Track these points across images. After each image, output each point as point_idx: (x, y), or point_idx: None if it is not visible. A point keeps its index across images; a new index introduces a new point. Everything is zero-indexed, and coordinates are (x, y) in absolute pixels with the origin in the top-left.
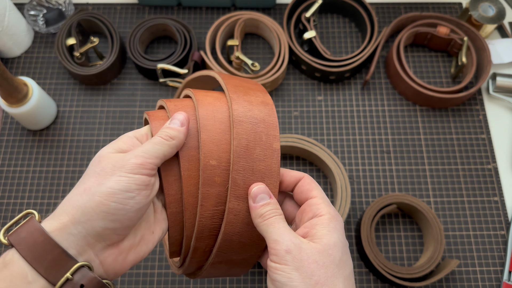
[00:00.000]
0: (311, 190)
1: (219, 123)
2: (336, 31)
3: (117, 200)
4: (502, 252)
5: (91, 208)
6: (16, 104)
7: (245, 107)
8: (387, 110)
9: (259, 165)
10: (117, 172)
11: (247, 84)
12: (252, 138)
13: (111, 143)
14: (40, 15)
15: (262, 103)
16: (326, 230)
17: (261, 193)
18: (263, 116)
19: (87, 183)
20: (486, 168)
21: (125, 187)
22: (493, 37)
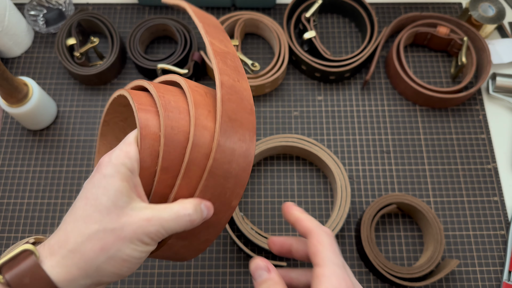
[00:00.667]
0: (316, 253)
1: (203, 170)
2: (336, 31)
3: (129, 265)
4: (502, 252)
5: (105, 269)
6: (16, 104)
7: (226, 157)
8: (387, 110)
9: (211, 217)
10: (135, 241)
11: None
12: (218, 192)
13: (113, 176)
14: (40, 15)
15: (244, 153)
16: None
17: (259, 270)
18: (238, 171)
19: (105, 240)
20: (486, 168)
21: (139, 256)
22: (493, 37)
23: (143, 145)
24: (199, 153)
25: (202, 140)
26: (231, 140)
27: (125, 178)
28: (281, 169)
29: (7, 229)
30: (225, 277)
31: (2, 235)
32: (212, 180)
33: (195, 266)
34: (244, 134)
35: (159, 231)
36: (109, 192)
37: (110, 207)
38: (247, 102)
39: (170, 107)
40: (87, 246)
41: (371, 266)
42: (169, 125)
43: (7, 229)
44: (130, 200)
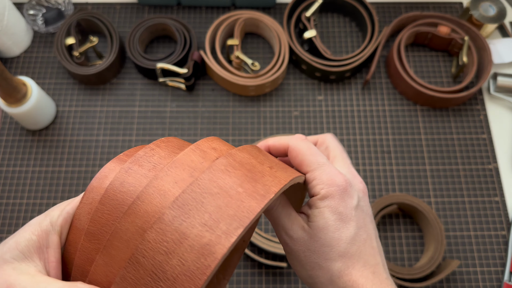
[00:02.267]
0: (301, 164)
1: (133, 249)
2: (337, 31)
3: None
4: (503, 253)
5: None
6: (16, 104)
7: (164, 243)
8: (387, 110)
9: None
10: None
11: (240, 188)
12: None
13: (30, 227)
14: (39, 14)
15: (201, 248)
16: (317, 211)
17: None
18: (178, 274)
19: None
20: (487, 168)
21: None
22: (494, 36)
23: (84, 199)
24: (134, 224)
25: (145, 208)
26: (186, 219)
27: (37, 232)
28: None
29: (6, 229)
30: None
31: (2, 235)
32: (133, 273)
33: None
34: (218, 219)
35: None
36: (12, 238)
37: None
38: (262, 185)
39: (144, 160)
40: None
41: None
42: (120, 178)
43: (7, 229)
44: (20, 259)
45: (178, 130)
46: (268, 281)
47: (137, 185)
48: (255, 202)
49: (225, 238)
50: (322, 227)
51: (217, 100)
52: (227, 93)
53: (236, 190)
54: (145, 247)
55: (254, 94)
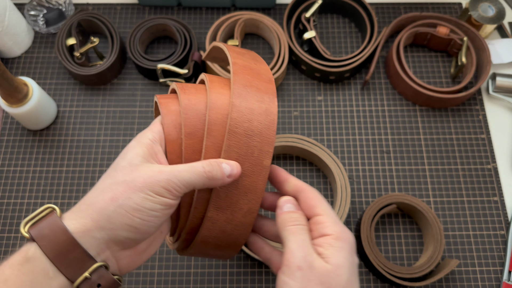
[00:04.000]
0: (315, 206)
1: (223, 127)
2: (336, 31)
3: (141, 216)
4: (502, 252)
5: (116, 219)
6: (16, 104)
7: (244, 116)
8: (387, 110)
9: (244, 180)
10: (146, 190)
11: (257, 80)
12: (244, 152)
13: (134, 145)
14: (40, 15)
15: (265, 112)
16: (334, 250)
17: (288, 203)
18: (261, 129)
19: (115, 191)
20: (486, 168)
21: (151, 206)
22: (492, 37)
23: (165, 120)
24: (218, 113)
25: (218, 103)
26: (247, 101)
27: (144, 145)
28: None
29: (7, 229)
30: (225, 277)
31: (2, 235)
32: (234, 139)
33: (195, 266)
34: (262, 96)
35: (171, 180)
36: (127, 155)
37: (125, 165)
38: (264, 76)
39: (187, 88)
40: (99, 198)
41: (371, 266)
42: (186, 98)
43: (7, 229)
44: (145, 161)
45: None
46: (268, 280)
47: (200, 99)
48: (270, 84)
49: (272, 103)
50: (342, 265)
51: None
52: None
53: (257, 82)
54: (234, 122)
55: None
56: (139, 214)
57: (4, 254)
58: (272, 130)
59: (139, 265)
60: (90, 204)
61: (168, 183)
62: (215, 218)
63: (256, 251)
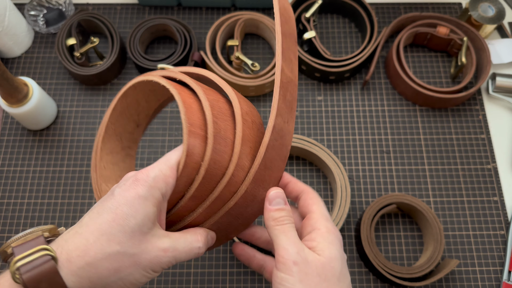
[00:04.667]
0: (312, 204)
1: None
2: (336, 31)
3: (133, 287)
4: (502, 252)
5: (112, 287)
6: (16, 104)
7: (245, 203)
8: (387, 110)
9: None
10: (147, 269)
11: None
12: (224, 228)
13: (148, 199)
14: (40, 15)
15: (261, 201)
16: (327, 243)
17: (278, 198)
18: (249, 215)
19: (121, 263)
20: (485, 168)
21: (145, 281)
22: (492, 37)
23: (183, 172)
24: (229, 191)
25: (236, 180)
26: (257, 189)
27: (156, 204)
28: None
29: (7, 229)
30: (225, 277)
31: (2, 235)
32: (225, 218)
33: (195, 266)
34: (269, 184)
35: (171, 262)
36: (138, 216)
37: (135, 231)
38: (285, 149)
39: (219, 137)
40: (104, 265)
41: (371, 266)
42: (213, 158)
43: (7, 229)
44: (153, 227)
45: (179, 130)
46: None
47: (224, 161)
48: (283, 164)
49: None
50: (335, 257)
51: None
52: None
53: (277, 163)
54: (235, 207)
55: (254, 94)
56: (133, 286)
57: None
58: (256, 216)
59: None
60: (92, 265)
61: (168, 264)
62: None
63: (248, 261)
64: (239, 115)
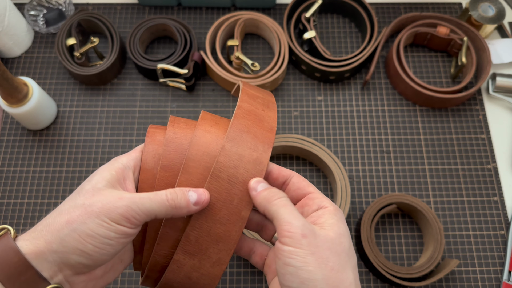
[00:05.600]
0: (308, 186)
1: (203, 168)
2: (336, 31)
3: (94, 243)
4: (502, 252)
5: (69, 243)
6: (16, 104)
7: (231, 161)
8: (387, 110)
9: (218, 227)
10: (102, 216)
11: (257, 127)
12: (223, 198)
13: (104, 169)
14: (40, 15)
15: (254, 161)
16: (335, 220)
17: (261, 183)
18: (246, 177)
19: (72, 214)
20: (486, 168)
21: (105, 233)
22: (493, 37)
23: (146, 148)
24: (199, 151)
25: (202, 140)
26: (238, 146)
27: (114, 169)
28: None
29: None
30: (225, 277)
31: None
32: (215, 183)
33: None
34: (256, 144)
35: (131, 207)
36: (93, 178)
37: (88, 189)
38: (267, 124)
39: (178, 121)
40: (56, 219)
41: (371, 266)
42: (172, 130)
43: None
44: (110, 186)
45: None
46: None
47: (186, 133)
48: (270, 133)
49: (265, 153)
50: (343, 233)
51: (217, 100)
52: (227, 93)
53: (256, 129)
54: (219, 166)
55: None
56: (91, 240)
57: None
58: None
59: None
60: (47, 225)
61: (127, 210)
62: (182, 262)
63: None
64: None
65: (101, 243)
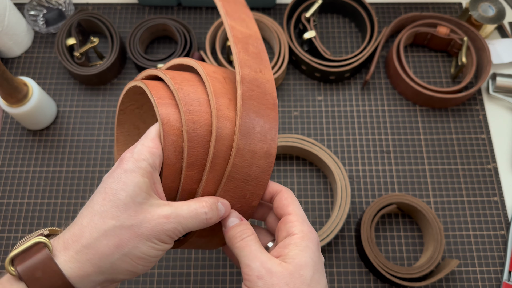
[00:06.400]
0: (287, 206)
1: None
2: (336, 31)
3: (144, 263)
4: (502, 252)
5: (120, 266)
6: (16, 104)
7: (245, 161)
8: (387, 110)
9: None
10: (152, 239)
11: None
12: (237, 195)
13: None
14: (40, 15)
15: (265, 154)
16: (298, 250)
17: (231, 218)
18: (258, 173)
19: (121, 237)
20: (486, 168)
21: (156, 254)
22: (493, 37)
23: (166, 142)
24: (223, 145)
25: (225, 132)
26: (251, 142)
27: (145, 174)
28: (281, 169)
29: (7, 229)
30: (225, 277)
31: (2, 235)
32: (231, 184)
33: (195, 266)
34: (265, 134)
35: (177, 229)
36: (128, 188)
37: (128, 203)
38: (269, 96)
39: (190, 99)
40: (103, 242)
41: (371, 266)
42: (191, 120)
43: (7, 229)
44: (148, 197)
45: None
46: None
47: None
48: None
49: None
50: (305, 264)
51: None
52: None
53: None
54: (235, 168)
55: None
56: (142, 261)
57: (4, 254)
58: (268, 173)
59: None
60: (90, 246)
61: (174, 232)
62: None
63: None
64: (204, 74)
65: (150, 262)
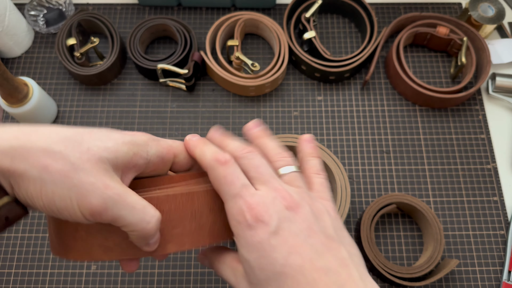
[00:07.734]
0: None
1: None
2: (336, 31)
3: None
4: (502, 252)
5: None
6: (17, 104)
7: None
8: (386, 110)
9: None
10: (74, 188)
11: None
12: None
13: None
14: (40, 15)
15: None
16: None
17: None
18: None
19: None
20: (485, 168)
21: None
22: (492, 37)
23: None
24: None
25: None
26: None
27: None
28: None
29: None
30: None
31: (2, 235)
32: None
33: (195, 266)
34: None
35: (106, 204)
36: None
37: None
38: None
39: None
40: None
41: (371, 266)
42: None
43: (7, 229)
44: (111, 169)
45: (179, 130)
46: None
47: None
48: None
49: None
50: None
51: (217, 100)
52: (227, 93)
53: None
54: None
55: (254, 95)
56: (49, 201)
57: (5, 254)
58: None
59: None
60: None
61: (101, 204)
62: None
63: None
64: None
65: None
